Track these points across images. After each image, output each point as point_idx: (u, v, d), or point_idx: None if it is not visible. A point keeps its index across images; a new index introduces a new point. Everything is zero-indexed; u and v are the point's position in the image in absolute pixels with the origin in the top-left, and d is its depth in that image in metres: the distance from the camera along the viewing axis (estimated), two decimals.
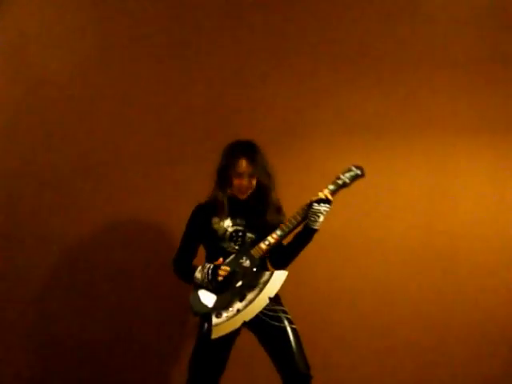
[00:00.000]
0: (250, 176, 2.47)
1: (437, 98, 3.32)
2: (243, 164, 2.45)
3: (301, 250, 2.52)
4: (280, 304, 2.54)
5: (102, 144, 3.27)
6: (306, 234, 2.48)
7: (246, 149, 2.48)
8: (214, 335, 2.37)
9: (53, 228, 3.22)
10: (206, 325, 2.43)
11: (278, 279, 2.42)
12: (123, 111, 3.28)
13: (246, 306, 2.38)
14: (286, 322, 2.48)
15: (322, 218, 2.45)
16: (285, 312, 2.52)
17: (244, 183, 2.47)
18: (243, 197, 2.52)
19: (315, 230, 2.47)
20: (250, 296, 2.40)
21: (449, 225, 3.30)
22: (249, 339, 2.51)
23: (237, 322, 2.37)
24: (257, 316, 2.42)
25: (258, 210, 2.52)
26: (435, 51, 3.34)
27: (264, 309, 2.43)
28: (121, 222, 3.26)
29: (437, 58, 3.33)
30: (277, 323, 2.46)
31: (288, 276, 2.44)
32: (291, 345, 2.43)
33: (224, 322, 2.37)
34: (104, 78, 3.28)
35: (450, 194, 3.31)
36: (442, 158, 3.31)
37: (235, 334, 2.46)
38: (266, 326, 2.46)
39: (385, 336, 3.27)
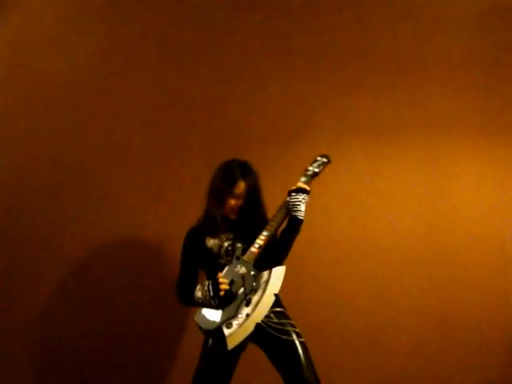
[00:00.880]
0: (244, 197, 2.51)
1: (436, 99, 3.35)
2: (241, 186, 2.49)
3: (291, 244, 2.52)
4: (287, 317, 2.50)
5: (101, 151, 3.27)
6: (292, 225, 2.51)
7: (243, 170, 2.52)
8: (230, 345, 2.28)
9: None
10: (210, 341, 2.39)
11: (277, 275, 2.40)
12: (123, 116, 3.30)
13: (254, 309, 2.33)
14: (295, 336, 2.43)
15: (303, 207, 2.50)
16: (293, 326, 2.47)
17: (239, 204, 2.51)
18: (234, 217, 2.54)
19: (300, 221, 2.50)
20: (255, 299, 2.35)
21: (448, 225, 3.30)
22: (254, 353, 2.45)
23: (249, 326, 2.30)
24: (264, 330, 2.38)
25: (248, 224, 2.53)
26: (434, 52, 3.38)
27: (272, 322, 2.41)
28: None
29: (436, 59, 3.38)
30: (285, 337, 2.41)
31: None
32: (300, 359, 2.38)
33: (237, 330, 2.30)
34: (104, 79, 3.31)
35: (449, 195, 3.33)
36: (441, 158, 3.34)
37: (240, 349, 2.40)
38: (274, 340, 2.40)
39: (383, 337, 3.22)
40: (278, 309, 2.48)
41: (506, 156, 3.34)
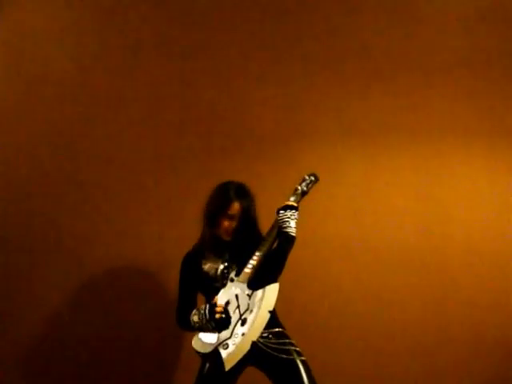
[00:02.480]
0: (239, 219, 2.51)
1: (433, 101, 3.34)
2: (235, 206, 2.49)
3: (285, 261, 2.50)
4: (287, 337, 2.47)
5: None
6: (284, 243, 2.49)
7: (238, 192, 2.52)
8: (228, 366, 2.27)
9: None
10: (206, 365, 2.38)
11: (271, 293, 2.38)
12: (121, 116, 3.32)
13: (249, 328, 2.31)
14: (295, 355, 2.40)
15: (293, 224, 2.50)
16: (293, 344, 2.44)
17: (233, 225, 2.51)
18: (228, 238, 2.53)
19: (292, 237, 2.49)
20: (250, 318, 2.33)
21: (444, 228, 3.29)
22: (254, 375, 2.43)
23: (246, 345, 2.28)
24: (264, 351, 2.37)
25: (243, 246, 2.52)
26: (431, 54, 3.36)
27: (271, 343, 2.39)
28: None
29: (433, 61, 3.36)
30: (285, 356, 2.38)
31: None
32: (302, 378, 2.35)
33: (233, 350, 2.28)
34: (103, 79, 3.34)
35: (446, 197, 3.32)
36: (437, 161, 3.33)
37: (237, 372, 2.38)
38: (274, 360, 2.38)
39: (379, 339, 3.19)
40: (277, 329, 2.47)
41: (500, 160, 3.33)
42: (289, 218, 2.49)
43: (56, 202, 3.27)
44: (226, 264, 2.51)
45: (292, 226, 2.49)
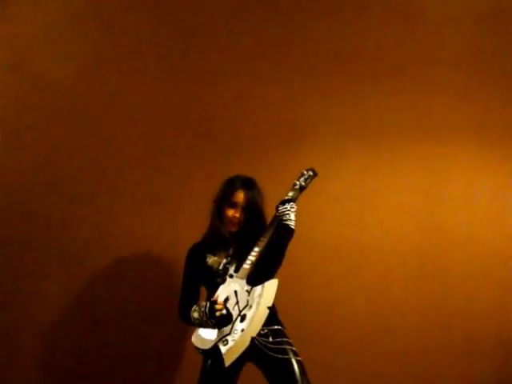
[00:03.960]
0: (244, 209, 2.54)
1: (433, 102, 3.35)
2: (239, 195, 2.53)
3: (283, 254, 2.52)
4: (285, 335, 2.49)
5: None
6: (284, 236, 2.51)
7: (244, 183, 2.56)
8: (227, 362, 2.27)
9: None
10: (208, 361, 2.39)
11: (270, 288, 2.38)
12: (120, 118, 3.32)
13: (249, 324, 2.31)
14: (291, 354, 2.42)
15: (292, 216, 2.52)
16: (290, 344, 2.46)
17: (237, 215, 2.53)
18: (234, 229, 2.56)
19: (292, 230, 2.51)
20: (249, 314, 2.34)
21: (441, 228, 3.29)
22: (251, 372, 2.45)
23: (245, 341, 2.28)
24: (261, 350, 2.40)
25: (248, 240, 2.53)
26: (432, 55, 3.37)
27: (268, 343, 2.42)
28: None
29: (434, 61, 3.37)
30: (281, 355, 2.41)
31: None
32: (296, 378, 2.36)
33: (232, 346, 2.28)
34: (103, 79, 3.34)
35: (443, 198, 3.32)
36: (437, 163, 3.33)
37: (237, 368, 2.41)
38: (270, 359, 2.40)
39: (377, 340, 3.20)
40: (276, 327, 2.49)
41: (501, 160, 3.33)
42: (289, 210, 2.51)
43: (56, 202, 3.26)
44: (229, 259, 2.52)
45: (292, 219, 2.52)
